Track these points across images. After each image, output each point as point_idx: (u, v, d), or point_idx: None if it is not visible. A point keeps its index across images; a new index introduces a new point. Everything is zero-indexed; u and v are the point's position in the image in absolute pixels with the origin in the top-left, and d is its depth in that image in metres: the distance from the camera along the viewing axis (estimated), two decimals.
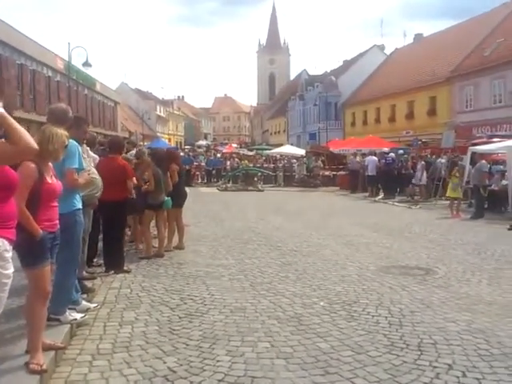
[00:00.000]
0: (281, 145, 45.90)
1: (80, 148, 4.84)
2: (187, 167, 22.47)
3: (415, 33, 50.45)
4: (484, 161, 14.68)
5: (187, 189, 9.88)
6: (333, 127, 49.17)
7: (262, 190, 24.63)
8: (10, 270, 3.04)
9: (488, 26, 33.49)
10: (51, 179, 3.77)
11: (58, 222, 3.87)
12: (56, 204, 3.85)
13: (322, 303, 5.49)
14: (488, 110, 29.01)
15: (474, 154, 15.48)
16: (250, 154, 37.83)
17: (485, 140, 19.41)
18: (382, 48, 56.00)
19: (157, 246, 8.17)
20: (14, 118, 2.80)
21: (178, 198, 8.57)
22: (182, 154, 24.65)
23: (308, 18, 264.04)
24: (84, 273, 6.14)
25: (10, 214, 3.04)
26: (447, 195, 15.46)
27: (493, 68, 28.93)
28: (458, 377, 3.68)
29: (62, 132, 3.84)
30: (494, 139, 18.46)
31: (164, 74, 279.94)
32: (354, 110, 49.63)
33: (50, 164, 3.85)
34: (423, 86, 35.80)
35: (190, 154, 33.27)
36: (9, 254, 3.03)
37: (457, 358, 3.99)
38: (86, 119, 5.90)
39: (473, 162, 15.17)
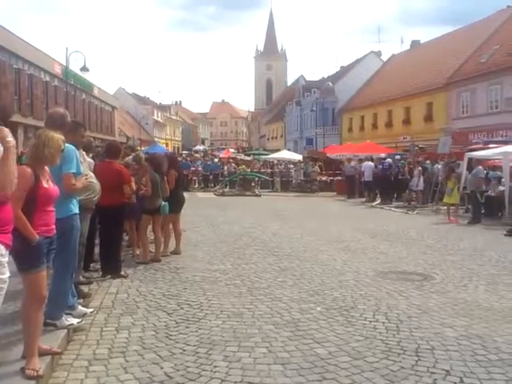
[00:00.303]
0: (278, 150, 45.83)
1: (78, 153, 4.83)
2: (184, 172, 22.45)
3: (412, 39, 50.83)
4: (480, 166, 14.76)
5: (185, 194, 9.86)
6: (330, 133, 49.33)
7: (259, 195, 24.63)
8: (6, 275, 3.04)
9: (485, 32, 33.74)
10: (47, 184, 3.76)
11: (54, 226, 3.86)
12: (52, 209, 3.84)
13: (319, 308, 5.49)
14: (484, 116, 29.14)
15: (470, 159, 15.55)
16: (248, 159, 37.76)
17: (481, 146, 19.48)
18: (378, 54, 56.31)
19: (154, 250, 8.15)
20: (12, 123, 2.80)
21: (176, 204, 8.55)
22: (179, 158, 24.63)
23: (305, 23, 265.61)
24: (81, 277, 6.12)
25: (6, 218, 3.04)
26: (444, 201, 15.52)
27: (489, 74, 29.10)
28: (455, 383, 3.68)
29: (58, 136, 3.83)
30: (491, 145, 18.54)
31: (161, 78, 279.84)
32: (351, 115, 49.79)
33: (47, 168, 3.84)
34: (420, 91, 35.96)
35: (188, 159, 33.27)
36: (5, 259, 3.03)
37: (454, 364, 3.99)
38: (83, 124, 5.89)
39: (469, 168, 15.24)
